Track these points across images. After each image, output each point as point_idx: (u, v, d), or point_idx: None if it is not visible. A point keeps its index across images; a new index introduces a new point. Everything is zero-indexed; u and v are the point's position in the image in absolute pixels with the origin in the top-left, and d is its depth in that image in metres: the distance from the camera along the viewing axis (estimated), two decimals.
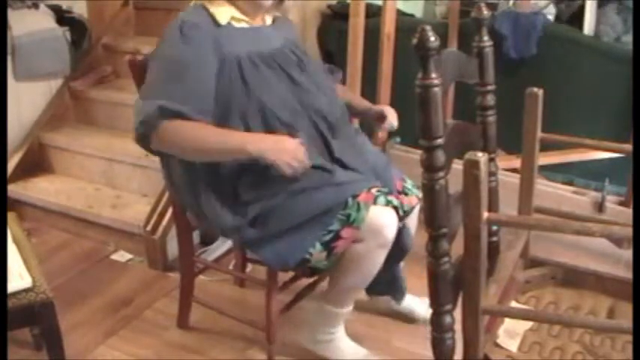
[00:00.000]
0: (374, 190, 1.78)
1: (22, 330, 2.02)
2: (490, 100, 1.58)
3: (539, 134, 1.64)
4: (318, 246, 1.74)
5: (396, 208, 1.78)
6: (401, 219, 1.81)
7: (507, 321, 1.45)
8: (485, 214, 1.17)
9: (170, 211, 2.48)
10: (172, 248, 2.55)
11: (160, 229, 2.64)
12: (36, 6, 3.12)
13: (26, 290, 1.64)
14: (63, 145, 3.16)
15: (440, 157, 1.21)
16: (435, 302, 1.26)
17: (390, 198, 1.79)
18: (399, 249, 1.86)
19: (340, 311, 1.95)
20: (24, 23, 3.01)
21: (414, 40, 1.16)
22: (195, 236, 2.52)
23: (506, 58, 3.18)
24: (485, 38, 1.55)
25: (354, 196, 1.75)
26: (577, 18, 3.32)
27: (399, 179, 1.98)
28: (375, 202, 1.75)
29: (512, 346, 1.38)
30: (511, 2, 3.42)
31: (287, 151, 1.69)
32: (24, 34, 3.00)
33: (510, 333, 1.41)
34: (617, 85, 3.02)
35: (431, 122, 1.19)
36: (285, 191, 1.75)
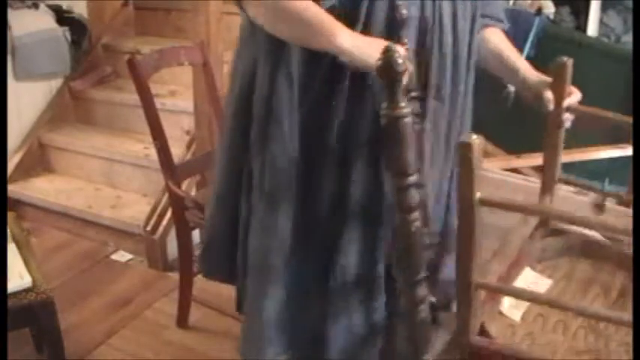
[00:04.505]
0: None
1: (22, 330, 2.02)
2: None
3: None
4: None
5: None
6: None
7: None
8: (478, 194, 1.11)
9: (170, 211, 2.48)
10: (172, 248, 2.54)
11: (160, 229, 2.64)
12: (36, 6, 3.12)
13: (26, 290, 1.64)
14: (63, 145, 3.16)
15: (414, 195, 1.05)
16: None
17: None
18: None
19: None
20: (24, 23, 3.01)
21: (379, 62, 0.99)
22: (195, 236, 2.52)
23: None
24: None
25: None
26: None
27: None
28: None
29: (515, 315, 1.36)
30: (511, 2, 3.42)
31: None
32: (24, 34, 2.99)
33: (516, 302, 1.40)
34: (617, 85, 3.02)
35: (403, 158, 1.02)
36: None
